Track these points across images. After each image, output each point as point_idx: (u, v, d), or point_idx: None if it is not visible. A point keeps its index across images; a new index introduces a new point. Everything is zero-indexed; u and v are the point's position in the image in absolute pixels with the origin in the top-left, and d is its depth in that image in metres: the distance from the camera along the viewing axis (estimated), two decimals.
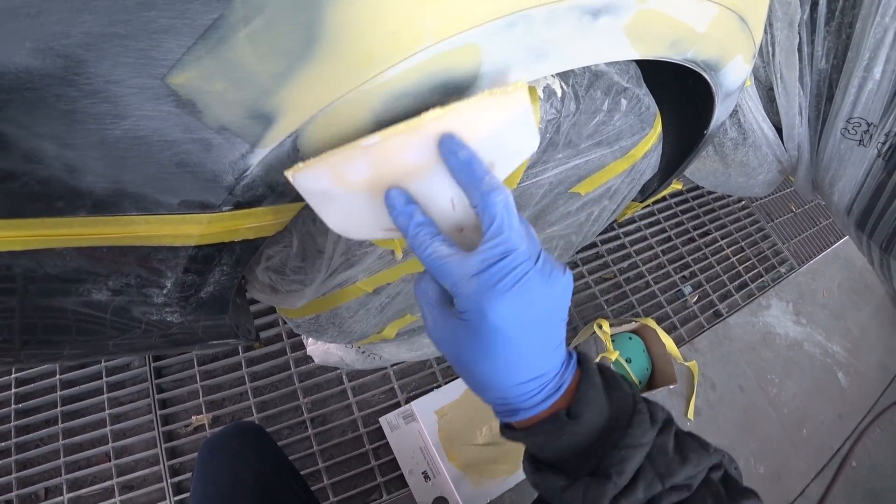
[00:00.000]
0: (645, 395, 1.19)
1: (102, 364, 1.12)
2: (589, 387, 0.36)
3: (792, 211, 1.94)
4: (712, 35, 0.52)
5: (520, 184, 0.64)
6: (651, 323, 1.21)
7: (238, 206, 0.39)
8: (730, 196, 1.84)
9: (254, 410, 1.11)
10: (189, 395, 1.12)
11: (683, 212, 1.72)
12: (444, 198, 0.37)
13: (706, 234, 1.70)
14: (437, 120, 0.33)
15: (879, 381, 1.62)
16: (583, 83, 0.56)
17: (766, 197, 1.91)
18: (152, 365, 1.13)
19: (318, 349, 1.12)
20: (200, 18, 0.26)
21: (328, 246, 0.61)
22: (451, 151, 0.33)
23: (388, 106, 0.36)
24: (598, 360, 1.16)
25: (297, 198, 0.44)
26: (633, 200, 1.14)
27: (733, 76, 0.64)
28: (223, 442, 0.66)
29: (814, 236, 1.89)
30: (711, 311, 1.53)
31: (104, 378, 1.09)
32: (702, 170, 1.24)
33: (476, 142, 0.35)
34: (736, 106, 1.06)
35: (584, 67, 0.56)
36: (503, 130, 0.36)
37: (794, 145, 1.18)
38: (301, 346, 1.20)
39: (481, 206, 0.33)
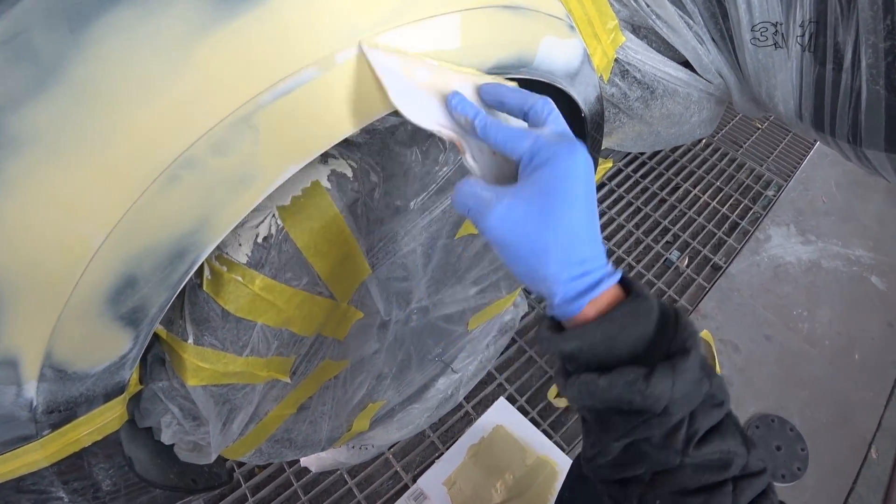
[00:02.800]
0: None
1: None
2: (634, 280, 0.37)
3: (758, 128, 1.82)
4: (476, 44, 0.45)
5: (377, 266, 0.58)
6: None
7: (56, 426, 0.41)
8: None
9: None
10: None
11: (644, 176, 1.62)
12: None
13: (675, 189, 1.59)
14: (475, 75, 0.43)
15: None
16: (373, 149, 0.50)
17: (724, 127, 1.80)
18: None
19: (311, 458, 1.09)
20: None
21: (199, 404, 0.57)
22: (496, 87, 0.41)
23: (113, 314, 0.37)
24: None
25: (109, 397, 0.45)
26: None
27: (558, 58, 0.57)
28: None
29: (791, 145, 1.76)
30: (708, 266, 1.41)
31: None
32: (626, 139, 1.15)
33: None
34: (623, 65, 0.98)
35: (365, 133, 0.50)
36: None
37: (712, 74, 1.11)
38: (296, 458, 1.15)
39: (540, 104, 0.39)
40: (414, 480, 1.09)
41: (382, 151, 0.50)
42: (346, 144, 0.49)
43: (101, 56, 0.29)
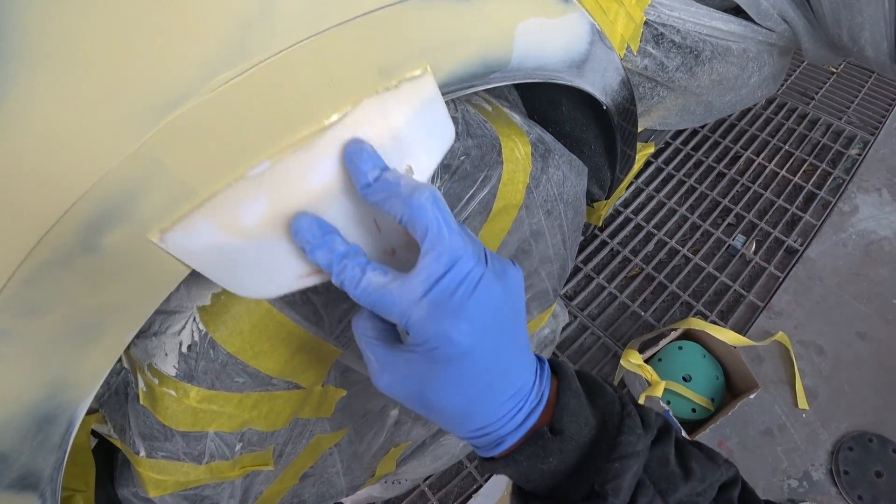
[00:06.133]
0: (729, 412, 0.92)
1: None
2: (570, 396, 0.33)
3: (832, 73, 1.54)
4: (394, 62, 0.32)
5: (352, 343, 0.47)
6: (695, 323, 0.94)
7: None
8: None
9: None
10: None
11: (696, 148, 1.40)
12: (364, 218, 0.32)
13: (735, 160, 1.37)
14: (337, 126, 0.27)
15: None
16: None
17: (789, 78, 1.54)
18: None
19: None
20: None
21: None
22: (355, 163, 0.29)
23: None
24: (641, 399, 0.90)
25: None
26: (594, 202, 0.91)
27: (551, 45, 0.44)
28: None
29: (875, 88, 1.48)
30: (781, 251, 1.20)
31: None
32: (669, 116, 0.97)
33: (385, 144, 0.30)
34: (656, 29, 0.79)
35: None
36: (414, 125, 0.31)
37: (774, 21, 0.92)
38: None
39: (407, 214, 0.28)
40: None
41: None
42: None
43: None
